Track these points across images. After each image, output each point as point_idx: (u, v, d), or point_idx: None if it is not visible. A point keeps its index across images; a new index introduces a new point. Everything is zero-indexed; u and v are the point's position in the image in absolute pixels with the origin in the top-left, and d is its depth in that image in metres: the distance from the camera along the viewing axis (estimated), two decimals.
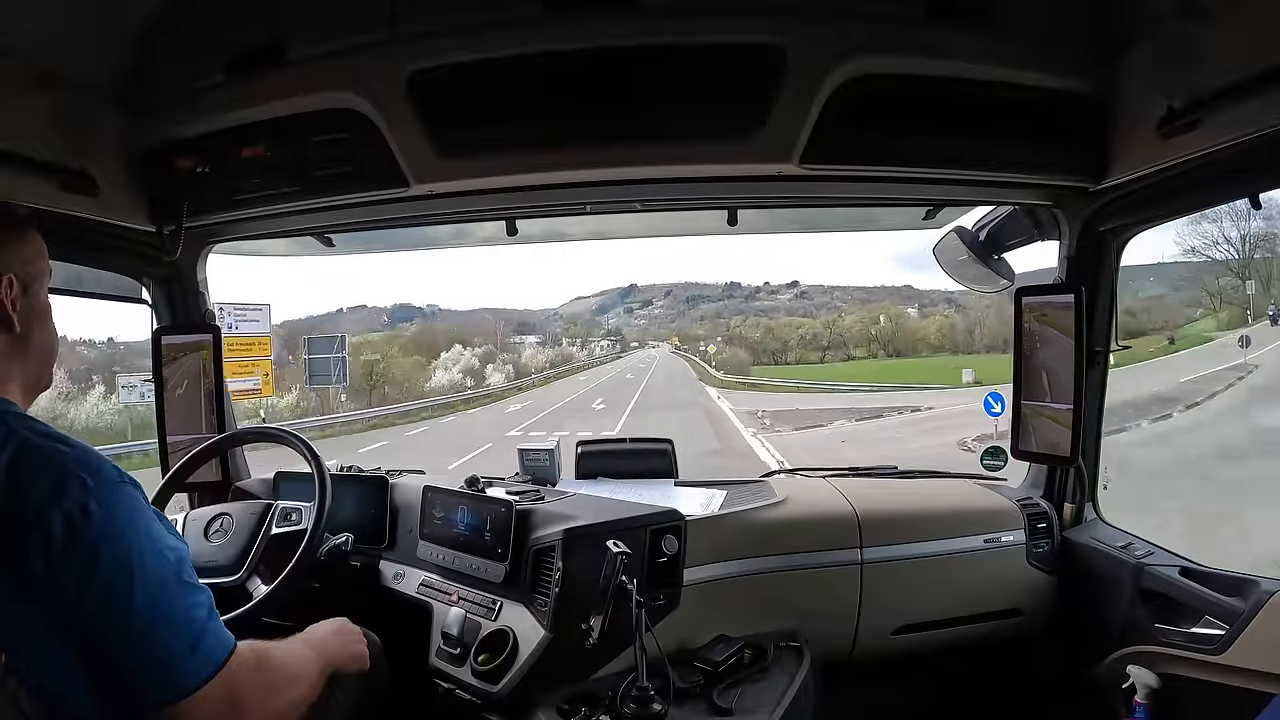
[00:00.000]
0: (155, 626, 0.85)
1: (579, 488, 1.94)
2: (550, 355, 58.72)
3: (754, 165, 1.56)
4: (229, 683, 0.88)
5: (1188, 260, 27.65)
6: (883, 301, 66.36)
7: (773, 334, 65.98)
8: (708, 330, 70.46)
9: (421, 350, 45.79)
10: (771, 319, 69.83)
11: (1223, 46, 1.23)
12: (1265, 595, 1.41)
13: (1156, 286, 27.96)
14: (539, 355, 55.82)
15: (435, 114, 1.48)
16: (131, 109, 1.59)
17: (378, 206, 1.77)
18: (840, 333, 63.23)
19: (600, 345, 73.30)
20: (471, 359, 45.43)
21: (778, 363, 59.26)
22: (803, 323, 67.11)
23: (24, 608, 0.81)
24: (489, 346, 51.93)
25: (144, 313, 2.04)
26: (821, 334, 64.19)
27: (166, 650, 0.85)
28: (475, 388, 37.40)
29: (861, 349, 60.96)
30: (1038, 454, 1.90)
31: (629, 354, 70.81)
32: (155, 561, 0.86)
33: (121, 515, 0.85)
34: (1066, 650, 1.86)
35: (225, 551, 1.46)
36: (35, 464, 0.83)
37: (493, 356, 48.88)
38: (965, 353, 49.67)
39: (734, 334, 67.46)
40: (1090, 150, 1.55)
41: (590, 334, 75.27)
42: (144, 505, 0.89)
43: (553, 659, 1.47)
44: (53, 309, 1.01)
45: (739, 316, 72.19)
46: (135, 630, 0.84)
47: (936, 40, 1.43)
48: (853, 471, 2.22)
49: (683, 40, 1.42)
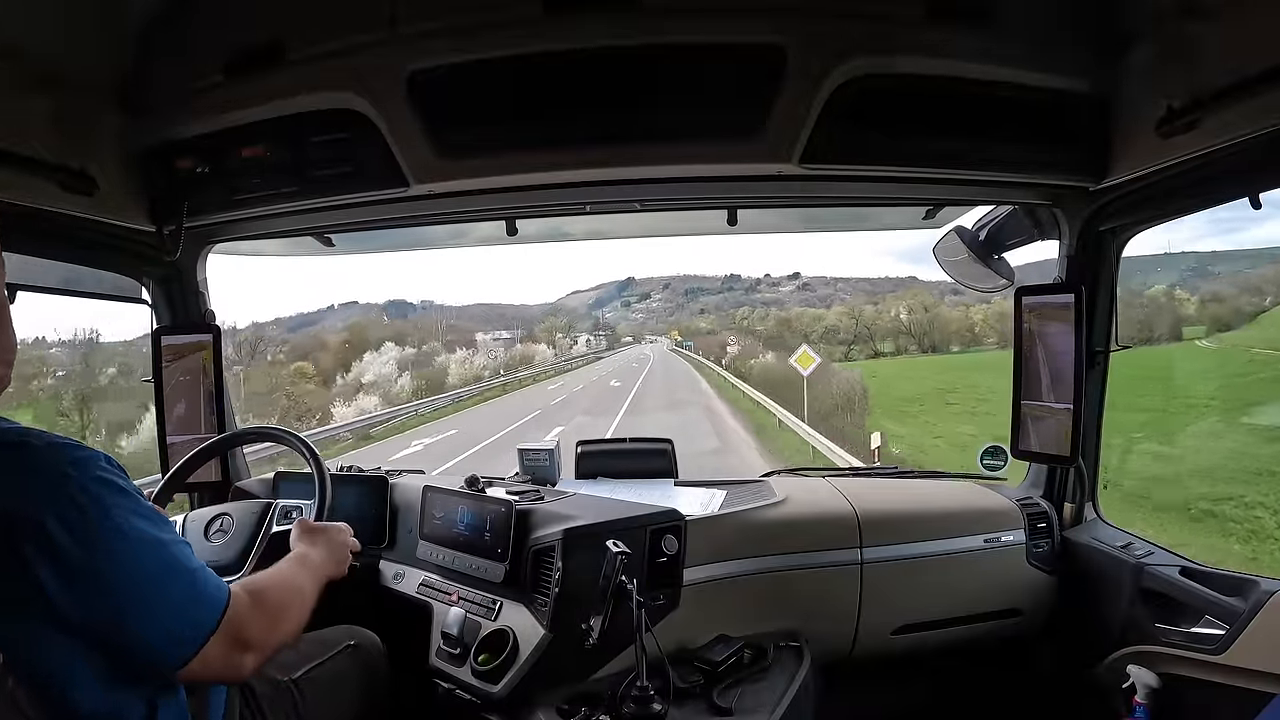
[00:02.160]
0: (159, 598, 0.87)
1: (579, 487, 1.94)
2: (485, 360, 40.88)
3: (754, 165, 1.56)
4: (231, 627, 0.92)
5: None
6: (887, 293, 56.44)
7: (789, 326, 53.87)
8: (711, 323, 63.02)
9: (349, 354, 34.85)
10: (783, 309, 61.23)
11: (1223, 46, 1.23)
12: (1265, 595, 1.41)
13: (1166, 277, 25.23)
14: (475, 358, 38.89)
15: (435, 114, 1.48)
16: (131, 109, 1.59)
17: (377, 206, 1.77)
18: (865, 325, 50.54)
19: (585, 340, 62.52)
20: (389, 367, 33.24)
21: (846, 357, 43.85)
22: (820, 313, 56.34)
23: (24, 608, 0.81)
24: (434, 343, 40.91)
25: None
26: (841, 326, 51.48)
27: (172, 617, 0.88)
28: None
29: (888, 343, 48.50)
30: (1038, 454, 1.90)
31: (618, 351, 60.27)
32: (147, 534, 0.88)
33: (110, 496, 0.86)
34: (1066, 650, 1.86)
35: (226, 551, 1.45)
36: (17, 462, 0.83)
37: (429, 359, 37.12)
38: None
39: (741, 326, 58.34)
40: (1090, 150, 1.55)
41: (573, 326, 65.87)
42: (122, 476, 0.90)
43: (553, 659, 1.47)
44: (9, 306, 0.95)
45: (746, 307, 65.45)
46: (142, 607, 0.86)
47: (936, 40, 1.43)
48: (853, 471, 2.22)
49: (682, 40, 1.42)
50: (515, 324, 59.13)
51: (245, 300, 46.80)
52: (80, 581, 0.82)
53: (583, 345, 60.28)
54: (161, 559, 0.88)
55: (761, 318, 59.83)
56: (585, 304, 78.34)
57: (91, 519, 0.83)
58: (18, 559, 0.80)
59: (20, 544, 0.80)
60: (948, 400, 21.64)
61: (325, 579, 1.20)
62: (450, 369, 35.08)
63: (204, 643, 0.89)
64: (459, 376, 33.17)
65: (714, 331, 57.78)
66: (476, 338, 45.98)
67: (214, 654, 0.90)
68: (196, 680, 0.95)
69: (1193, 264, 27.28)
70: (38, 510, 0.81)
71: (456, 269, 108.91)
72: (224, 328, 2.08)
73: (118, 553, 0.85)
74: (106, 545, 0.84)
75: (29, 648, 0.82)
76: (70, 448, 0.86)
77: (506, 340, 51.55)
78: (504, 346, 48.28)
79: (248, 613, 0.95)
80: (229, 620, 0.92)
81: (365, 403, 24.27)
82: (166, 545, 0.90)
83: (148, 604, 0.86)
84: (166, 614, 0.87)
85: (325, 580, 1.19)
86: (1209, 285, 25.75)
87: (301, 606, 1.09)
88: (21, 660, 0.81)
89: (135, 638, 0.86)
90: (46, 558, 0.80)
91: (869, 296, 56.77)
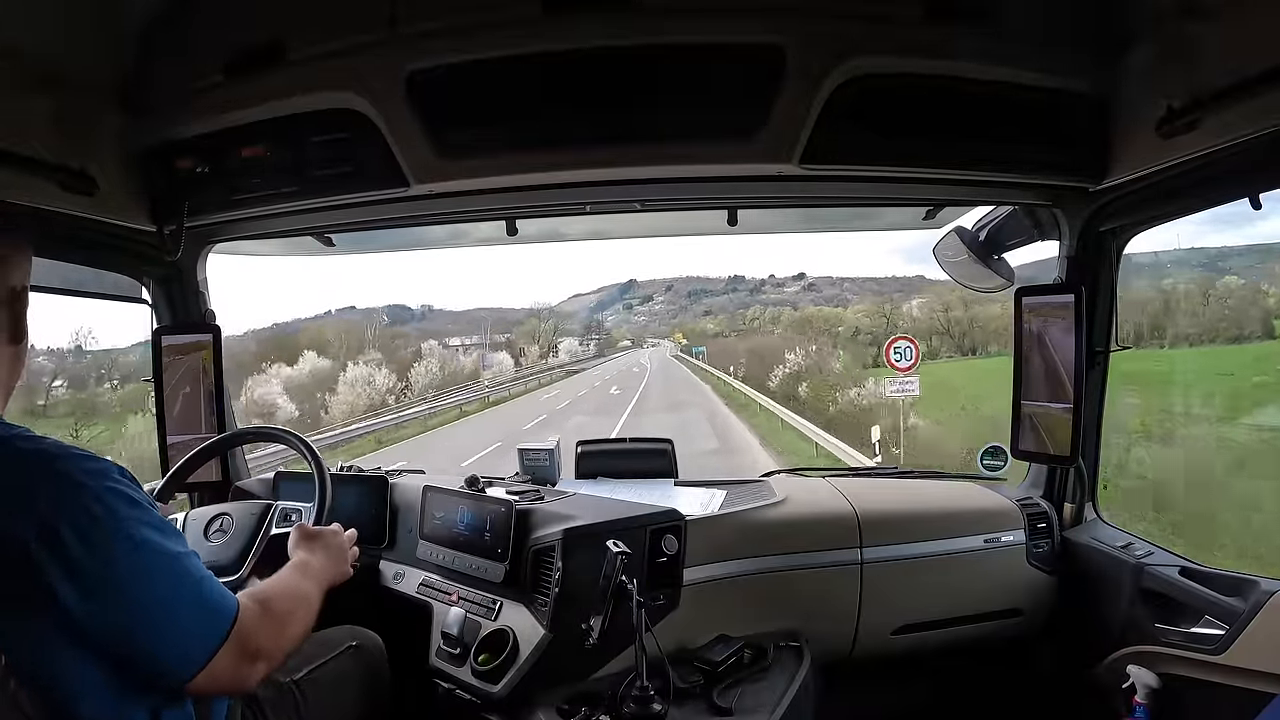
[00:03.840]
0: (170, 610, 0.87)
1: (579, 487, 1.94)
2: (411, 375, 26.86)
3: (754, 165, 1.56)
4: (241, 636, 0.92)
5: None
6: (891, 293, 47.79)
7: (810, 325, 42.00)
8: (719, 324, 56.03)
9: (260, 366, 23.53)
10: (796, 309, 51.73)
11: (1223, 46, 1.23)
12: (1265, 595, 1.41)
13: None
14: (377, 376, 24.47)
15: (435, 114, 1.48)
16: (131, 109, 1.59)
17: (377, 206, 1.77)
18: (895, 323, 38.09)
19: (573, 345, 50.16)
20: (274, 388, 22.01)
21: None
22: (836, 313, 46.47)
23: (33, 613, 0.81)
24: (377, 353, 28.88)
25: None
26: (861, 326, 41.51)
27: (182, 629, 0.88)
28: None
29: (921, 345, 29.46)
30: (1038, 454, 1.89)
31: (607, 360, 48.99)
32: (159, 546, 0.88)
33: (124, 508, 0.86)
34: (1066, 650, 1.86)
35: (225, 551, 1.45)
36: (33, 472, 0.84)
37: (334, 379, 23.74)
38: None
39: (750, 327, 50.82)
40: (1090, 150, 1.55)
41: (559, 328, 53.13)
42: (135, 489, 0.90)
43: (553, 659, 1.47)
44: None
45: (756, 307, 57.59)
46: (153, 619, 0.86)
47: (936, 40, 1.43)
48: (853, 471, 2.22)
49: (682, 40, 1.42)
50: (484, 326, 47.51)
51: (233, 306, 38.09)
52: (93, 591, 0.82)
53: (565, 354, 47.84)
54: (173, 571, 0.89)
55: (773, 318, 51.62)
56: (586, 306, 77.74)
57: (105, 529, 0.84)
58: (31, 564, 0.80)
59: (34, 549, 0.80)
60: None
61: (328, 584, 1.20)
62: (340, 393, 23.16)
63: (213, 654, 0.89)
64: (349, 405, 22.16)
65: (722, 334, 51.79)
66: (424, 346, 33.45)
67: (223, 665, 0.90)
68: (204, 693, 0.96)
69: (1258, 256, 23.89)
70: (53, 518, 0.81)
71: (459, 273, 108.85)
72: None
73: (130, 564, 0.85)
74: (119, 556, 0.84)
75: (35, 651, 0.82)
76: (84, 458, 0.87)
77: (476, 346, 40.76)
78: (464, 353, 37.24)
79: (256, 623, 0.95)
80: (238, 631, 0.92)
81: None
82: (178, 558, 0.90)
83: (158, 616, 0.86)
84: (177, 626, 0.88)
85: (328, 585, 1.20)
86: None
87: (307, 614, 1.09)
88: (26, 663, 0.82)
89: (144, 649, 0.86)
90: (60, 565, 0.81)
91: (876, 296, 50.69)
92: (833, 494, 1.95)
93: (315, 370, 25.26)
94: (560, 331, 52.92)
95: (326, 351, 27.91)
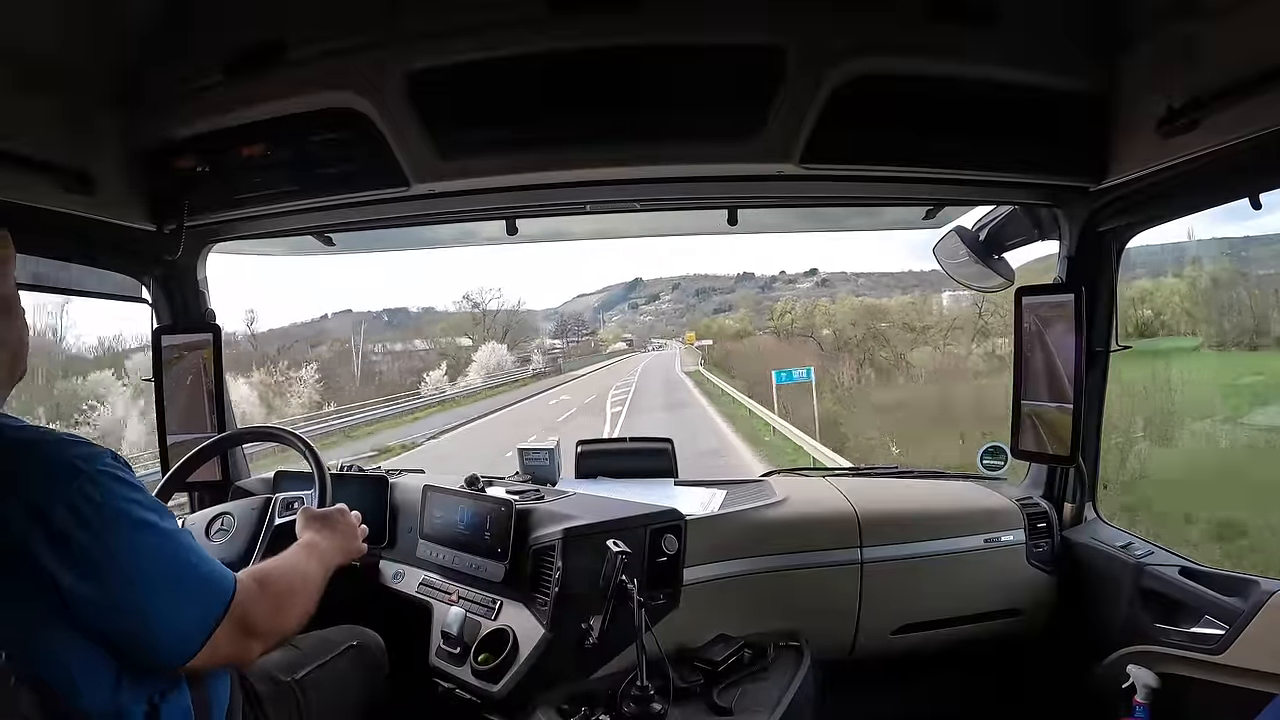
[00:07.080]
0: (168, 588, 0.88)
1: (579, 487, 1.94)
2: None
3: (754, 165, 1.56)
4: (238, 615, 0.93)
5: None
6: (912, 286, 38.31)
7: (875, 317, 32.90)
8: (741, 322, 46.31)
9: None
10: (833, 302, 40.77)
11: (1223, 46, 1.23)
12: (1265, 595, 1.41)
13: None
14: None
15: (436, 114, 1.48)
16: (131, 108, 1.59)
17: (378, 206, 1.77)
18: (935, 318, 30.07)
19: (497, 358, 36.08)
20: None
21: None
22: (878, 303, 36.15)
23: (31, 602, 0.81)
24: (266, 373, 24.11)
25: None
26: (910, 319, 31.17)
27: (181, 607, 0.89)
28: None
29: (958, 345, 26.19)
30: (1038, 454, 1.90)
31: (594, 366, 39.98)
32: (156, 525, 0.89)
33: (120, 490, 0.87)
34: (1066, 650, 1.86)
35: (230, 549, 1.45)
36: (24, 459, 0.84)
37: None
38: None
39: (782, 324, 41.22)
40: (1090, 150, 1.55)
41: (509, 331, 40.57)
42: (129, 472, 0.90)
43: (553, 658, 1.47)
44: (19, 297, 0.96)
45: (785, 300, 48.53)
46: (152, 597, 0.86)
47: (936, 40, 1.44)
48: (853, 471, 2.22)
49: (683, 40, 1.42)
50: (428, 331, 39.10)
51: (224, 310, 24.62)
52: (91, 573, 0.82)
53: (532, 365, 37.57)
54: (171, 550, 0.89)
55: (806, 311, 41.65)
56: (590, 307, 76.67)
57: (102, 511, 0.84)
58: (26, 552, 0.80)
59: (29, 537, 0.80)
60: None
61: (335, 566, 1.20)
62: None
63: (212, 631, 0.90)
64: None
65: (747, 333, 42.55)
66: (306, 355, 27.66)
67: (222, 641, 0.91)
68: (204, 668, 0.95)
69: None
70: (47, 502, 0.82)
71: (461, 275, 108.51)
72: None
73: (129, 544, 0.85)
74: (116, 536, 0.85)
75: (32, 643, 0.82)
76: (77, 444, 0.87)
77: (417, 353, 35.17)
78: (394, 360, 33.13)
79: (255, 600, 0.96)
80: (236, 607, 0.93)
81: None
82: (174, 536, 0.91)
83: (157, 594, 0.87)
84: (175, 603, 0.88)
85: (335, 567, 1.19)
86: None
87: (308, 593, 1.09)
88: (24, 658, 0.81)
89: (144, 628, 0.86)
90: (56, 549, 0.81)
91: (891, 291, 45.91)
92: (833, 494, 1.95)
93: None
94: (518, 332, 42.08)
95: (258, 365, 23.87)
